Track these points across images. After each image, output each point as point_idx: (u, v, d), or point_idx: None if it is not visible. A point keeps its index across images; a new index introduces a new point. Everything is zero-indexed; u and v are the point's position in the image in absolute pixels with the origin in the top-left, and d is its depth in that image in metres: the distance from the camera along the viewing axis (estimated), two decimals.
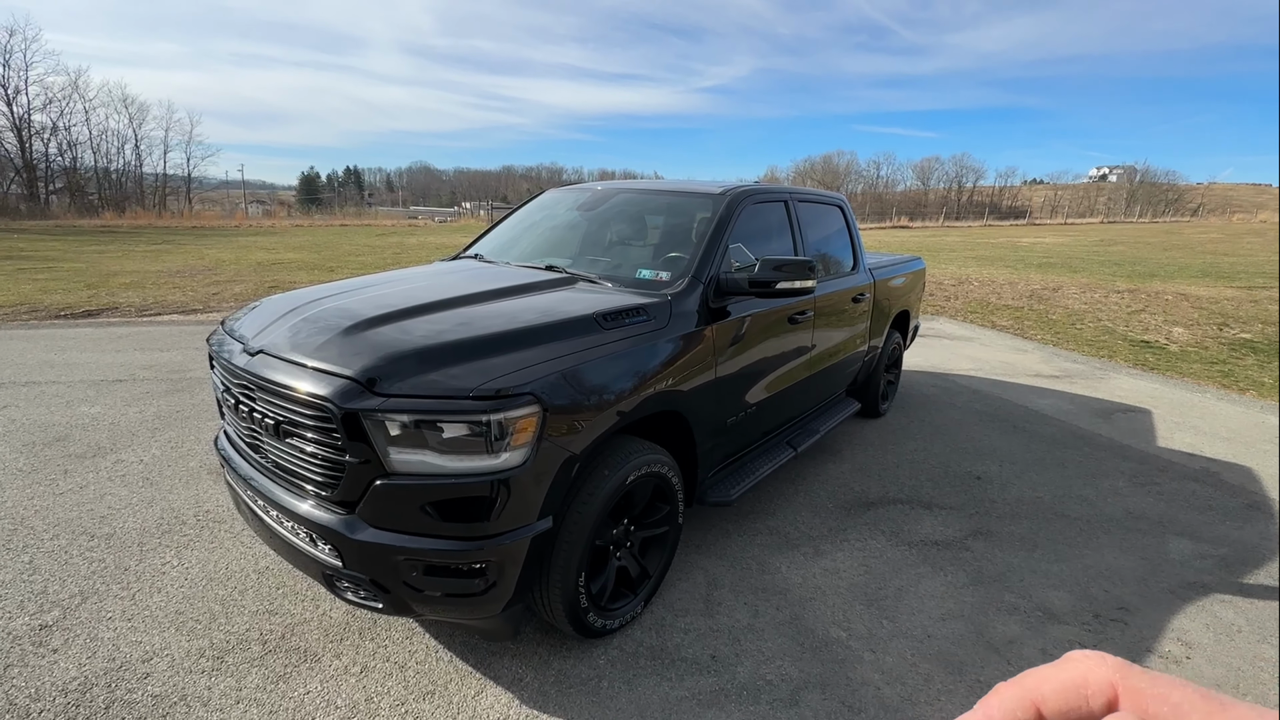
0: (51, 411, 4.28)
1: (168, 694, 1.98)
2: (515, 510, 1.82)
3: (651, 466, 2.24)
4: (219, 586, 2.51)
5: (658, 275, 2.73)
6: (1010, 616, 2.54)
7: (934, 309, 10.02)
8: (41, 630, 2.23)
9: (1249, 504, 3.64)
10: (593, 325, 2.19)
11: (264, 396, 1.94)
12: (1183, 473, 4.03)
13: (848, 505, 3.43)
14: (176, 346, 6.18)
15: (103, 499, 3.15)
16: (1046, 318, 9.30)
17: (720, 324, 2.61)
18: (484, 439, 1.74)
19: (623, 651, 2.25)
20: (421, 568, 1.78)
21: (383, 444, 1.72)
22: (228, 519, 3.00)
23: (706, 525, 3.13)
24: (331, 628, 2.31)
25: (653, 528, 2.43)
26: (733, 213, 2.96)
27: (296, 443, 1.89)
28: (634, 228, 3.39)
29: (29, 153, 34.36)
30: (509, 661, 2.19)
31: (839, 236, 4.07)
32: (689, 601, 2.55)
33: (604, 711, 1.99)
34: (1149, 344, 7.80)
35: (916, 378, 6.07)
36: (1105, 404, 5.47)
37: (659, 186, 3.62)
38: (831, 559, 2.90)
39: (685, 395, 2.41)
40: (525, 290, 2.56)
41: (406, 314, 2.17)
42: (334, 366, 1.83)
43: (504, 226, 3.80)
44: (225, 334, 2.33)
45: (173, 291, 9.24)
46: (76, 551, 2.70)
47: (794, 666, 2.21)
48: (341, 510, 1.83)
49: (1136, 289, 11.45)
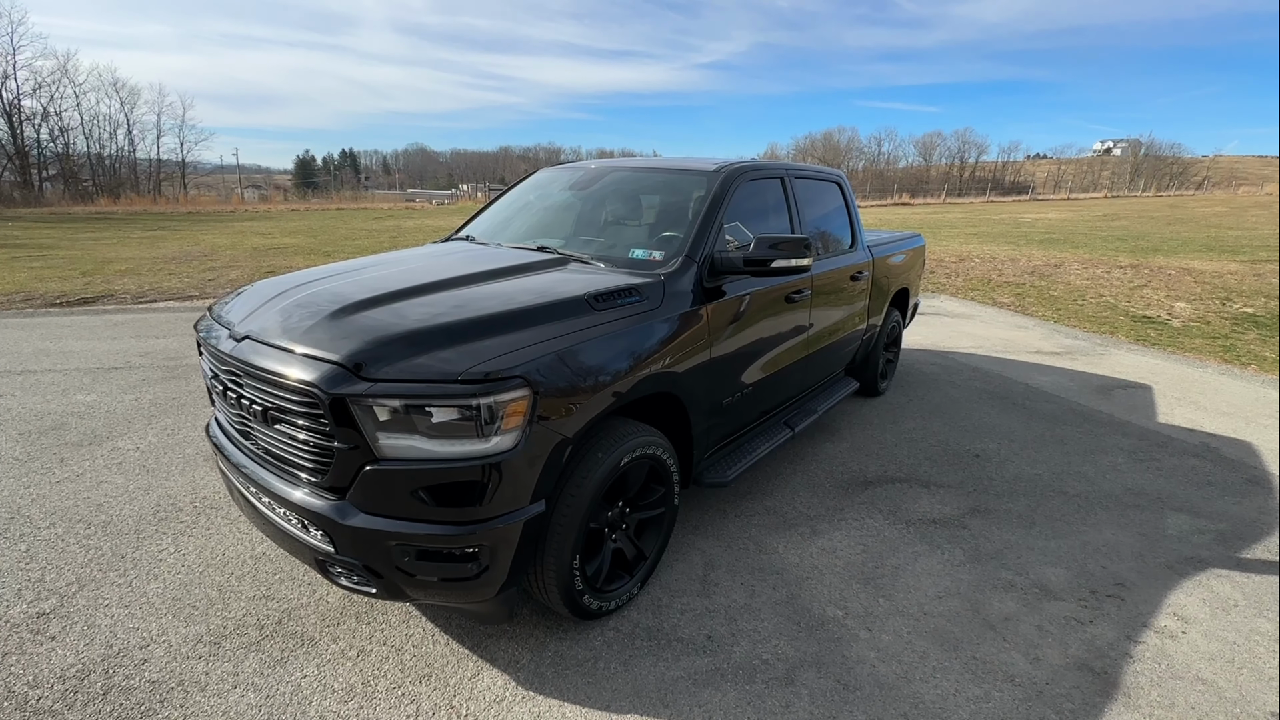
0: (47, 400, 4.27)
1: (165, 679, 1.99)
2: (507, 494, 1.80)
3: (646, 449, 2.22)
4: (216, 572, 2.52)
5: (651, 255, 2.68)
6: (1007, 593, 2.54)
7: (935, 286, 9.95)
8: (39, 618, 2.24)
9: (1248, 479, 3.63)
10: (584, 306, 2.16)
11: (251, 383, 1.92)
12: (1182, 448, 4.02)
13: (845, 484, 3.43)
14: (172, 333, 6.15)
15: (99, 487, 3.15)
16: (1048, 294, 9.24)
17: (715, 304, 2.57)
18: (474, 423, 1.71)
19: (619, 633, 2.26)
20: (414, 552, 1.77)
21: (371, 429, 1.70)
22: (224, 505, 3.00)
23: (703, 506, 3.13)
24: (328, 612, 2.32)
25: (648, 510, 2.42)
26: (727, 190, 2.91)
27: (285, 429, 1.87)
28: (628, 207, 3.33)
29: (20, 139, 34.04)
30: (505, 644, 2.19)
31: (837, 214, 4.01)
32: (685, 582, 2.55)
33: (600, 692, 2.00)
34: (1151, 319, 7.75)
35: (917, 356, 6.04)
36: (1106, 380, 5.44)
37: (653, 165, 3.55)
38: (829, 538, 2.89)
39: (680, 376, 2.38)
40: (516, 272, 2.52)
41: (395, 297, 2.14)
42: (320, 351, 1.80)
43: (496, 207, 3.74)
44: (213, 320, 2.30)
45: (168, 278, 9.19)
46: (73, 539, 2.71)
47: (790, 646, 2.22)
48: (332, 496, 1.82)
49: (1139, 264, 11.35)
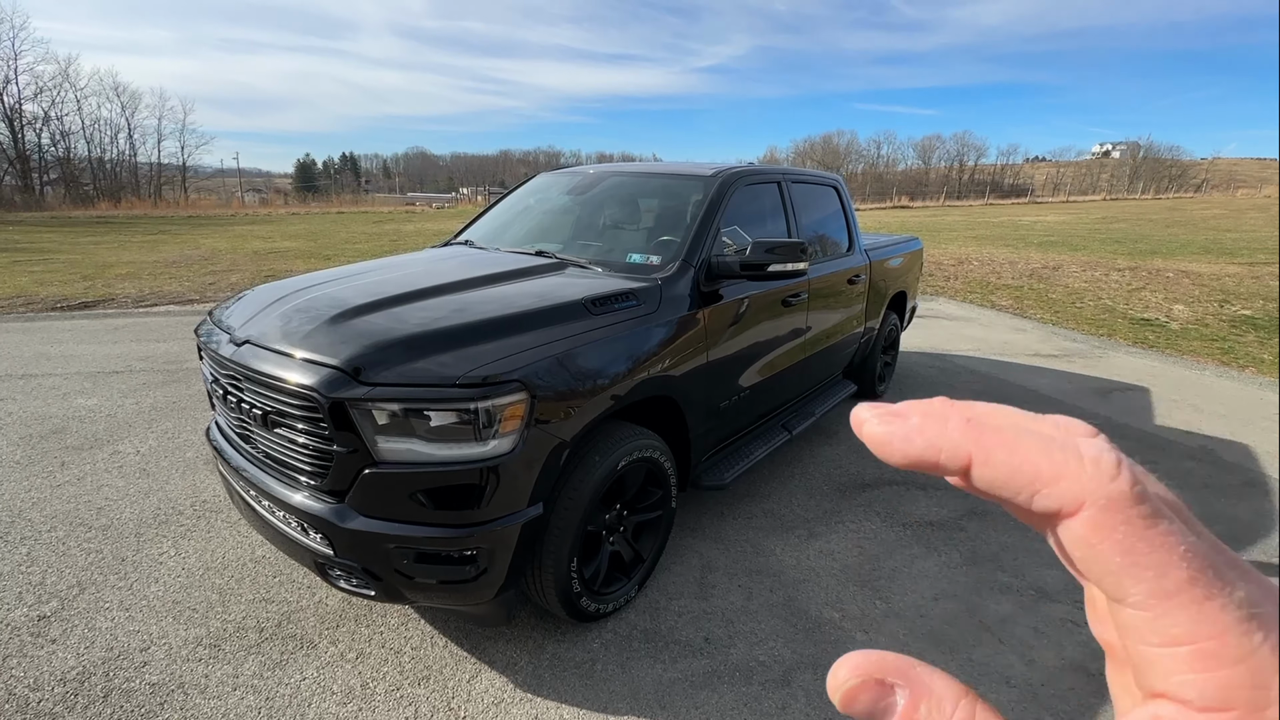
0: (48, 403, 4.29)
1: (165, 682, 2.00)
2: (505, 497, 1.82)
3: (643, 452, 2.23)
4: (216, 575, 2.53)
5: (648, 259, 2.70)
6: (1004, 596, 2.55)
7: (933, 289, 9.97)
8: (40, 621, 2.25)
9: (1246, 481, 3.64)
10: (582, 311, 2.17)
11: (251, 387, 1.94)
12: (1180, 451, 4.03)
13: (843, 487, 3.44)
14: (173, 337, 6.17)
15: (100, 490, 3.16)
16: (1046, 297, 9.25)
17: (712, 308, 2.59)
18: (472, 426, 1.73)
19: (617, 635, 2.27)
20: (412, 555, 1.79)
21: (370, 433, 1.72)
22: (224, 509, 3.01)
23: (701, 509, 3.14)
24: (327, 615, 2.33)
25: (646, 512, 2.43)
26: (724, 195, 2.93)
27: (285, 433, 1.88)
28: (626, 211, 3.35)
29: (22, 143, 34.13)
30: (503, 646, 2.20)
31: (834, 217, 4.03)
32: (683, 585, 2.56)
33: (598, 694, 2.01)
34: (1149, 322, 7.76)
35: (915, 359, 6.05)
36: (1104, 383, 5.45)
37: (651, 169, 3.57)
38: (826, 541, 2.90)
39: (677, 380, 2.40)
40: (514, 276, 2.54)
41: (393, 302, 2.16)
42: (320, 356, 1.82)
43: (495, 212, 3.76)
44: (213, 324, 2.31)
45: (169, 282, 9.21)
46: (74, 543, 2.72)
47: (787, 648, 2.23)
48: (331, 499, 1.83)
49: (1137, 266, 11.37)
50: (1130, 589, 0.19)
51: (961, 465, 0.21)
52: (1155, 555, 0.19)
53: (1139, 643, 0.19)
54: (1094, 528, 0.19)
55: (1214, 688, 0.18)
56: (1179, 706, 0.18)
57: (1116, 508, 0.19)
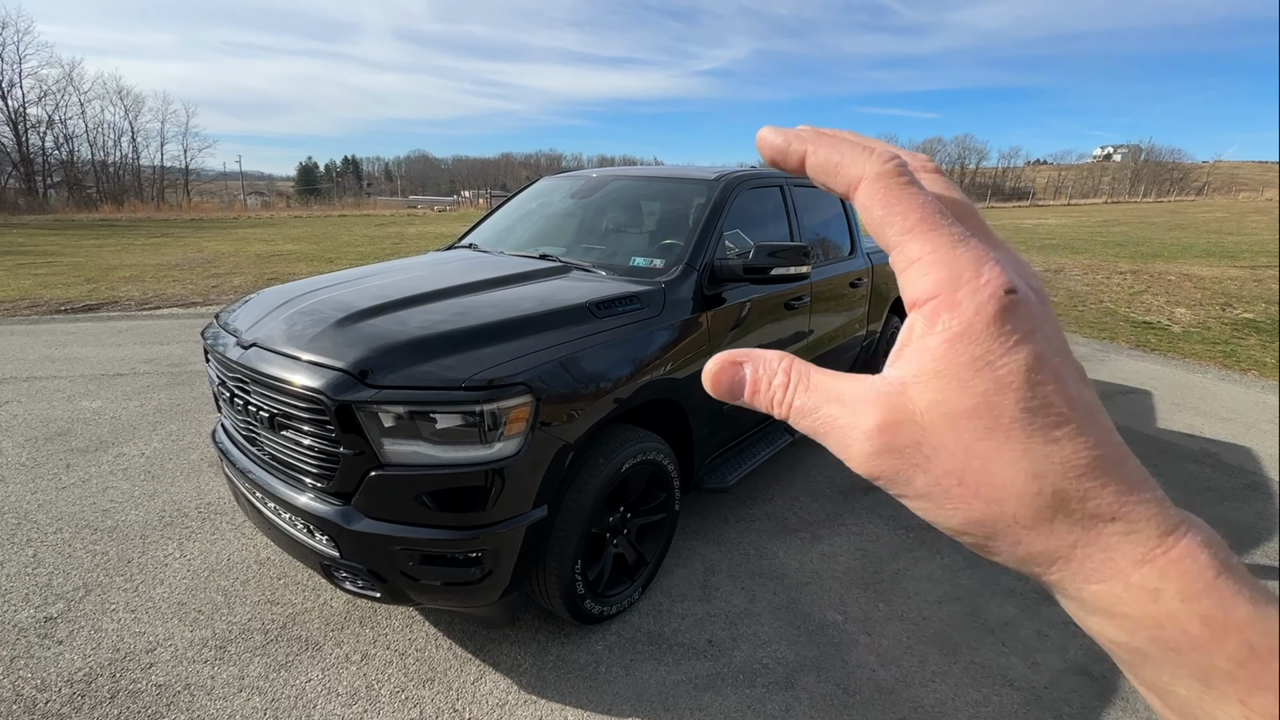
0: (53, 406, 4.31)
1: (171, 683, 2.01)
2: (510, 499, 1.83)
3: (647, 454, 2.24)
4: (221, 577, 2.54)
5: (652, 263, 2.72)
6: (1007, 599, 2.55)
7: None
8: (46, 622, 2.26)
9: (1248, 484, 3.64)
10: (586, 314, 2.19)
11: (258, 390, 1.95)
12: (1181, 454, 4.03)
13: (846, 490, 3.44)
14: (176, 340, 6.19)
15: (105, 492, 3.18)
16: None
17: (716, 311, 2.60)
18: (477, 429, 1.74)
19: (620, 637, 2.28)
20: (418, 557, 1.80)
21: (376, 435, 1.73)
22: (229, 511, 3.03)
23: (704, 512, 3.14)
24: (332, 617, 2.34)
25: (649, 515, 2.44)
26: (727, 198, 2.94)
27: (291, 435, 1.89)
28: (629, 215, 3.37)
29: (25, 146, 34.27)
30: (508, 648, 2.21)
31: (836, 221, 4.04)
32: (686, 587, 2.57)
33: (602, 696, 2.01)
34: (1151, 325, 7.76)
35: None
36: (1106, 386, 5.46)
37: (653, 173, 3.59)
38: (829, 544, 2.91)
39: (680, 383, 2.41)
40: (518, 280, 2.55)
41: (399, 305, 2.17)
42: (326, 359, 1.83)
43: (498, 215, 3.78)
44: (219, 327, 2.33)
45: (172, 284, 9.24)
46: (80, 545, 2.73)
47: (790, 650, 2.23)
48: (337, 501, 1.84)
49: (1139, 270, 11.37)
50: (890, 233, 0.27)
51: (801, 157, 0.30)
52: (903, 205, 0.26)
53: (898, 274, 0.27)
54: (868, 193, 0.27)
55: (929, 283, 0.25)
56: (915, 310, 0.26)
57: (881, 178, 0.27)
